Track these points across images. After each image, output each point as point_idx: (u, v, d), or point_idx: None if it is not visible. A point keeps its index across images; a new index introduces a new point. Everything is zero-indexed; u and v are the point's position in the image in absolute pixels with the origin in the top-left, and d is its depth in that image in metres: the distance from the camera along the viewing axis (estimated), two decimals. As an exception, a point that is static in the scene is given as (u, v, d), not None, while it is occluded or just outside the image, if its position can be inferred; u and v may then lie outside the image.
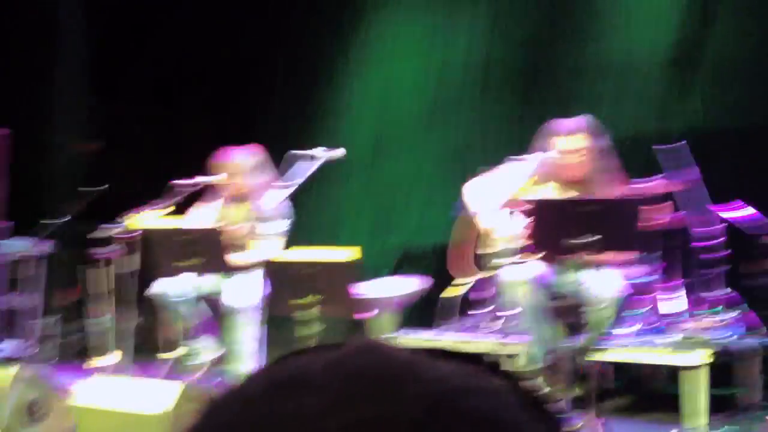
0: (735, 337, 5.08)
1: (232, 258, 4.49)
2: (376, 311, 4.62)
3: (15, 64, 8.17)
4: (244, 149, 5.12)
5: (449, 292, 4.86)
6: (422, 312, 6.97)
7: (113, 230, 4.84)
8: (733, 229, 5.36)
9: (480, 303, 6.12)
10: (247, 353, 4.67)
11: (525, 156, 4.10)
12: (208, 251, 4.34)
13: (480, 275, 4.19)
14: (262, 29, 8.88)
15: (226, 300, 4.71)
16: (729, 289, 5.43)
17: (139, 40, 8.98)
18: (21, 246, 6.55)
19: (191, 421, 0.40)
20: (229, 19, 8.91)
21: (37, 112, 8.06)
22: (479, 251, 4.17)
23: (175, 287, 4.56)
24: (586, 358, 3.83)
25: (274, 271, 4.06)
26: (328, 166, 7.76)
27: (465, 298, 6.15)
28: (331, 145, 5.40)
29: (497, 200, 3.88)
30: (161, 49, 8.97)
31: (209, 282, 4.83)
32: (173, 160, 7.43)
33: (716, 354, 4.84)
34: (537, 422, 0.40)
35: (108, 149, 8.93)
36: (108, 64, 8.90)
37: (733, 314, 5.30)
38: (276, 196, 4.70)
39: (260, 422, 0.37)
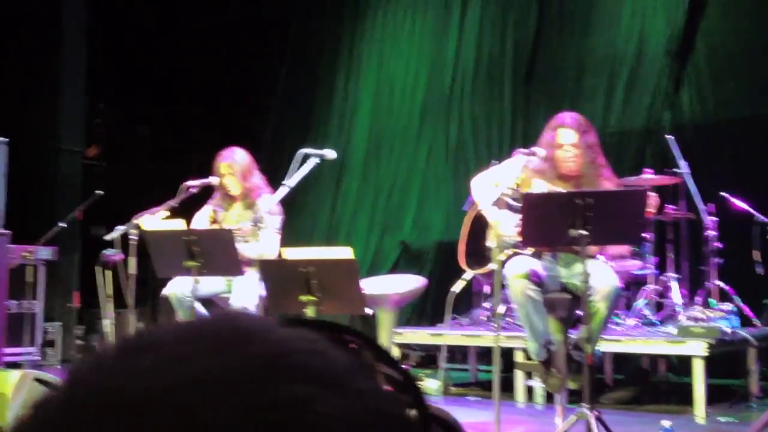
0: (730, 328, 5.13)
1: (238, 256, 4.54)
2: (373, 309, 4.67)
3: (18, 71, 8.25)
4: (237, 150, 5.17)
5: (459, 286, 4.92)
6: (423, 309, 7.05)
7: (122, 233, 4.89)
8: (727, 222, 5.41)
9: (484, 297, 6.19)
10: None
11: (533, 148, 4.12)
12: (218, 252, 4.38)
13: (488, 268, 4.23)
14: (264, 31, 8.95)
15: (236, 301, 4.76)
16: (722, 282, 5.48)
17: (143, 47, 9.06)
18: (23, 252, 6.64)
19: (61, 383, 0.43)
20: (231, 23, 8.99)
21: (39, 119, 8.14)
22: (488, 245, 4.21)
23: (188, 287, 4.61)
24: (582, 351, 3.86)
25: (271, 270, 4.12)
26: (327, 167, 7.86)
27: (472, 291, 6.22)
28: (330, 146, 5.44)
29: (495, 193, 3.92)
30: (165, 54, 9.05)
31: (217, 283, 4.89)
32: (183, 163, 7.52)
33: (712, 345, 4.88)
34: (366, 379, 0.43)
35: (118, 154, 9.02)
36: (113, 70, 8.99)
37: (728, 306, 5.36)
38: (274, 196, 4.76)
39: (99, 380, 0.40)
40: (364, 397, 0.41)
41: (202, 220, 5.13)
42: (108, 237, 5.01)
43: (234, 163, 5.06)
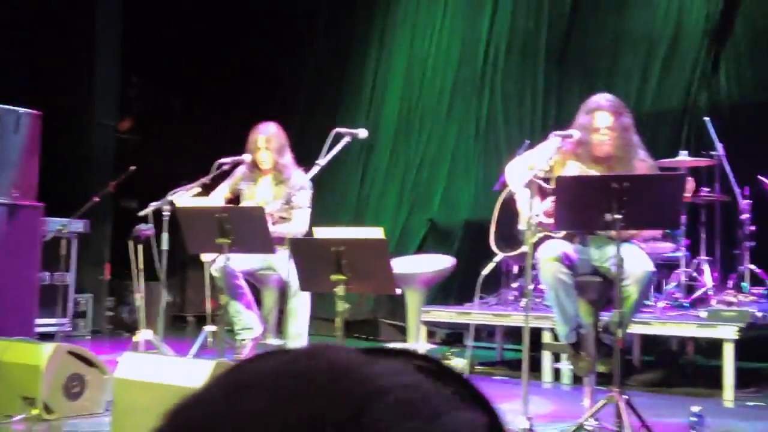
0: (761, 313, 5.08)
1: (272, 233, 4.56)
2: (402, 288, 4.67)
3: (53, 45, 8.30)
4: (274, 124, 5.21)
5: (488, 269, 4.93)
6: (450, 287, 7.05)
7: (156, 208, 4.95)
8: (762, 205, 5.34)
9: (512, 277, 6.18)
10: (304, 329, 4.82)
11: (568, 131, 4.08)
12: (249, 229, 4.42)
13: (519, 251, 4.23)
14: (295, 8, 8.91)
15: (292, 278, 4.77)
16: (754, 266, 5.42)
17: (176, 19, 9.06)
18: (55, 225, 6.72)
19: (158, 424, 0.44)
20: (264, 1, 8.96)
21: (73, 93, 8.20)
22: (519, 227, 4.20)
23: (238, 264, 4.68)
24: (612, 335, 3.84)
25: (302, 249, 4.14)
26: (356, 144, 7.84)
27: (500, 271, 6.20)
28: (360, 123, 5.42)
29: (528, 175, 3.90)
30: (197, 29, 9.05)
31: (259, 259, 4.92)
32: (214, 138, 7.54)
33: (742, 329, 4.84)
34: (459, 411, 0.44)
35: (150, 128, 9.06)
36: (146, 43, 9.01)
37: (760, 290, 5.30)
38: (307, 174, 4.77)
39: (210, 422, 0.42)
40: (461, 430, 0.43)
41: (217, 199, 5.17)
42: (142, 213, 5.07)
43: (272, 138, 5.10)
